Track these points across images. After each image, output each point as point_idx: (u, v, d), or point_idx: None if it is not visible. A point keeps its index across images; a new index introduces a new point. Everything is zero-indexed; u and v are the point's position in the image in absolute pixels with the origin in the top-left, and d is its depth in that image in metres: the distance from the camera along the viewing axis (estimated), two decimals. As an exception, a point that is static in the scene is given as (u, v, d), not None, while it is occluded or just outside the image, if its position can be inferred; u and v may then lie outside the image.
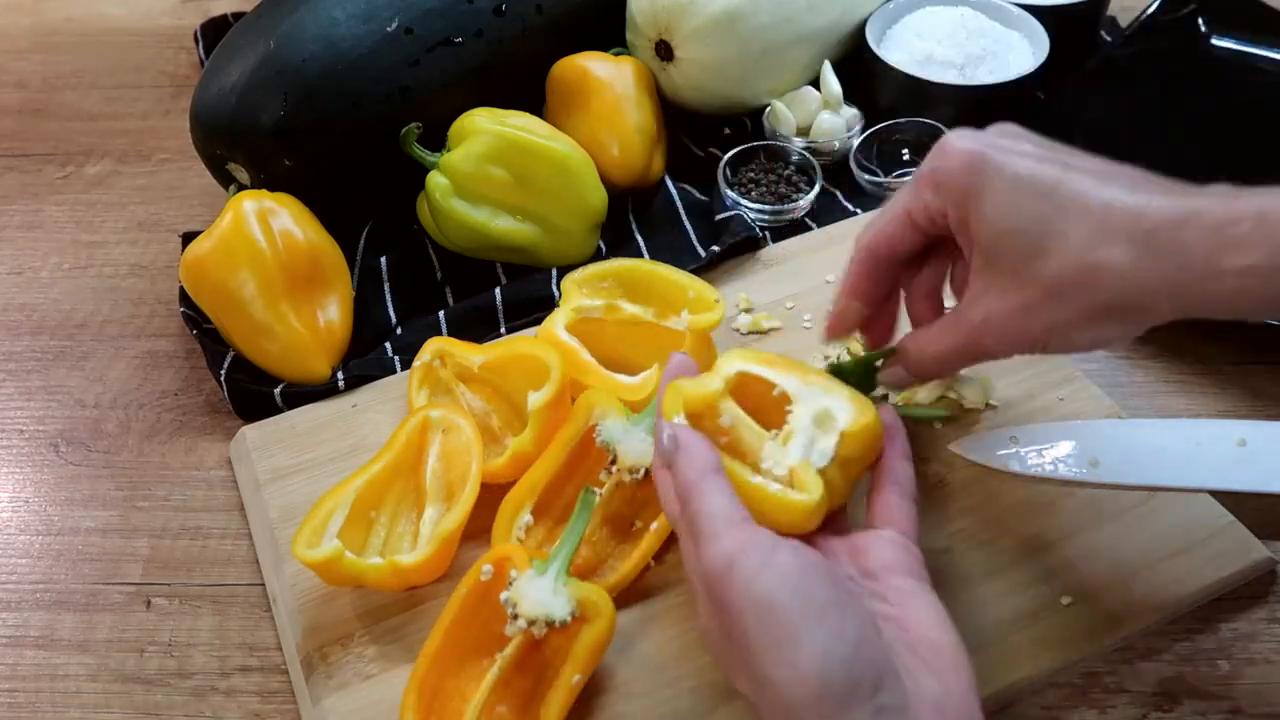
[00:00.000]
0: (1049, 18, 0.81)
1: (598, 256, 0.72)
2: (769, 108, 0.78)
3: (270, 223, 0.63)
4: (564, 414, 0.57)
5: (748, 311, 0.67)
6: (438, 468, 0.55)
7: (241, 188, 0.70)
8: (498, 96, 0.72)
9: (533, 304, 0.68)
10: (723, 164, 0.75)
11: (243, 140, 0.68)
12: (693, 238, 0.73)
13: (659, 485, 0.46)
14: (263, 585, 0.56)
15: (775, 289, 0.68)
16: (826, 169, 0.77)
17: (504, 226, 0.68)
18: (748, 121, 0.81)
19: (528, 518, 0.53)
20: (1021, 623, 0.51)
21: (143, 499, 0.61)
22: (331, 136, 0.68)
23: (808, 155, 0.76)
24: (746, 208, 0.73)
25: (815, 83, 0.81)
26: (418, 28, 0.70)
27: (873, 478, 0.48)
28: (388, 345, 0.67)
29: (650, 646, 0.51)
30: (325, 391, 0.64)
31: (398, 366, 0.65)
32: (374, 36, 0.68)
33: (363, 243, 0.73)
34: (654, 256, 0.72)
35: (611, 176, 0.73)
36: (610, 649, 0.49)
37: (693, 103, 0.79)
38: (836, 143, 0.77)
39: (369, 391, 0.64)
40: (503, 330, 0.68)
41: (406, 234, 0.74)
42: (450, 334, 0.67)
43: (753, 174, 0.76)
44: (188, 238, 0.72)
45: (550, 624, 0.46)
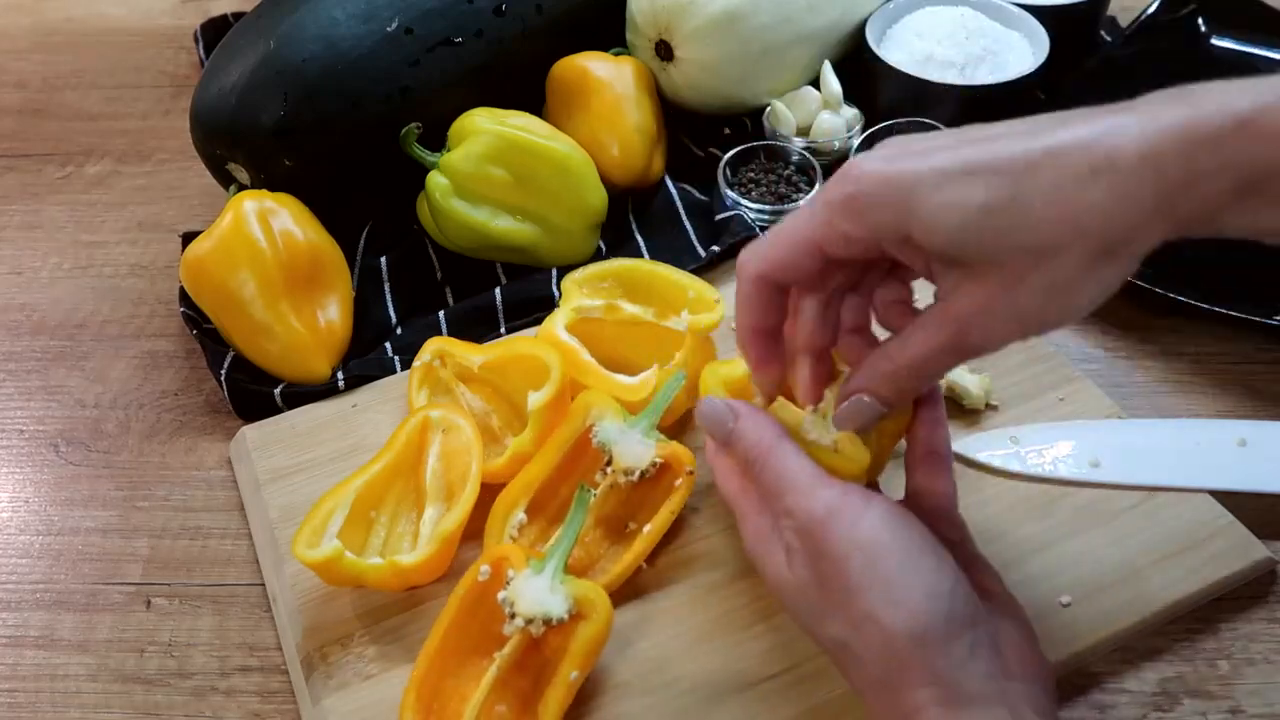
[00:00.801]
0: (1049, 18, 0.81)
1: (598, 256, 0.72)
2: (769, 108, 0.78)
3: (270, 223, 0.63)
4: (564, 414, 0.57)
5: (748, 311, 0.66)
6: (438, 468, 0.55)
7: (242, 188, 0.70)
8: (498, 96, 0.72)
9: (533, 304, 0.68)
10: (723, 164, 0.75)
11: (243, 140, 0.68)
12: (693, 238, 0.73)
13: (715, 466, 0.47)
14: (263, 585, 0.56)
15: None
16: (826, 169, 0.77)
17: (504, 226, 0.68)
18: (748, 121, 0.81)
19: (521, 516, 0.53)
20: (1021, 623, 0.51)
21: (143, 499, 0.61)
22: (331, 136, 0.68)
23: (808, 155, 0.76)
24: (746, 208, 0.73)
25: (815, 83, 0.81)
26: (418, 28, 0.70)
27: (909, 449, 0.48)
28: (388, 345, 0.67)
29: (649, 646, 0.51)
30: (325, 391, 0.64)
31: (398, 366, 0.65)
32: (374, 36, 0.68)
33: (363, 243, 0.73)
34: (654, 256, 0.72)
35: (611, 176, 0.73)
36: (609, 649, 0.49)
37: (693, 103, 0.79)
38: (836, 143, 0.77)
39: (369, 391, 0.64)
40: (503, 330, 0.68)
41: (406, 234, 0.74)
42: (450, 334, 0.67)
43: (753, 174, 0.76)
44: (188, 238, 0.72)
45: (548, 622, 0.46)
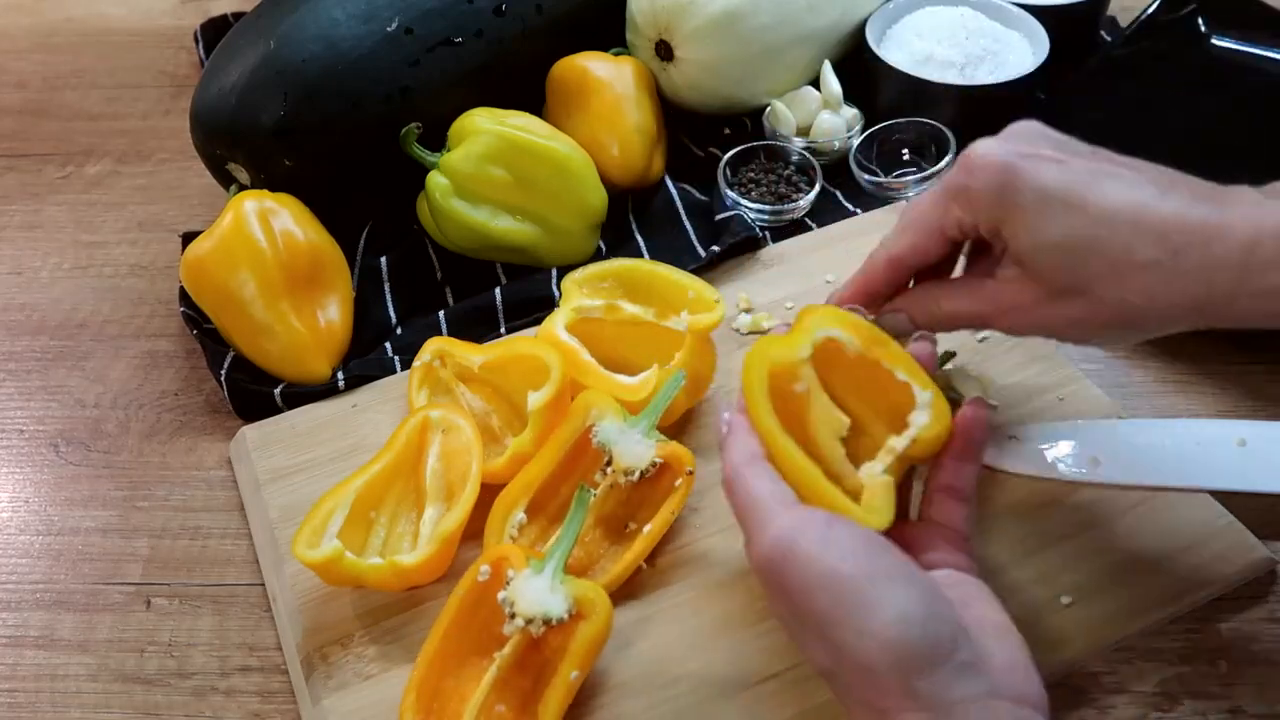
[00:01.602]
0: (1049, 18, 0.81)
1: (598, 256, 0.72)
2: (769, 108, 0.78)
3: (271, 223, 0.63)
4: (564, 414, 0.57)
5: (747, 311, 0.67)
6: (438, 468, 0.55)
7: (242, 188, 0.70)
8: (498, 96, 0.72)
9: (533, 304, 0.68)
10: (723, 164, 0.75)
11: (243, 140, 0.68)
12: (693, 238, 0.73)
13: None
14: (263, 585, 0.56)
15: (775, 289, 0.68)
16: (826, 169, 0.77)
17: (504, 226, 0.68)
18: (748, 121, 0.81)
19: (521, 516, 0.53)
20: (1022, 623, 0.50)
21: (143, 499, 0.61)
22: (331, 136, 0.68)
23: (808, 155, 0.76)
24: (746, 208, 0.73)
25: (815, 83, 0.81)
26: (418, 28, 0.70)
27: (932, 473, 0.48)
28: (388, 345, 0.67)
29: (649, 646, 0.51)
30: (325, 391, 0.64)
31: (398, 366, 0.65)
32: (374, 36, 0.68)
33: (363, 243, 0.73)
34: (654, 256, 0.72)
35: (611, 176, 0.73)
36: (609, 649, 0.49)
37: (693, 103, 0.79)
38: (836, 143, 0.77)
39: (369, 391, 0.64)
40: (503, 330, 0.68)
41: (406, 234, 0.74)
42: (450, 334, 0.67)
43: (753, 174, 0.76)
44: (188, 238, 0.72)
45: (548, 622, 0.46)
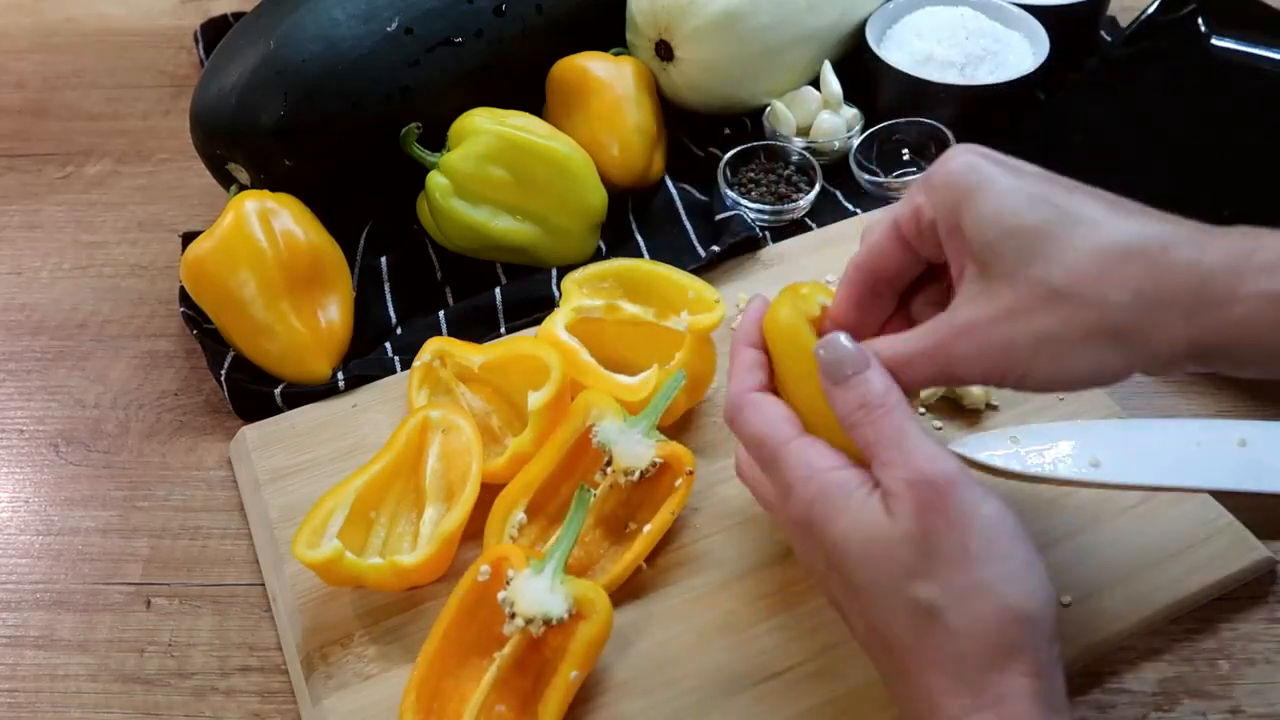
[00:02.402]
0: (1049, 18, 0.81)
1: (598, 256, 0.72)
2: (769, 108, 0.78)
3: (271, 223, 0.63)
4: (564, 414, 0.57)
5: (748, 311, 0.67)
6: (438, 468, 0.55)
7: (242, 188, 0.70)
8: (498, 96, 0.72)
9: (533, 304, 0.68)
10: (723, 164, 0.75)
11: (243, 140, 0.68)
12: (693, 238, 0.73)
13: (752, 404, 0.45)
14: (263, 585, 0.56)
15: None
16: (826, 169, 0.77)
17: (504, 226, 0.68)
18: (748, 121, 0.81)
19: (521, 516, 0.53)
20: (1021, 623, 0.51)
21: (143, 499, 0.61)
22: (331, 136, 0.68)
23: (808, 155, 0.76)
24: (746, 208, 0.73)
25: (815, 83, 0.81)
26: (418, 28, 0.70)
27: None
28: (388, 345, 0.67)
29: (649, 646, 0.51)
30: (325, 391, 0.64)
31: (398, 366, 0.65)
32: (374, 36, 0.68)
33: (363, 243, 0.73)
34: (654, 256, 0.72)
35: (611, 176, 0.73)
36: (609, 649, 0.49)
37: (693, 103, 0.79)
38: (836, 143, 0.77)
39: (369, 391, 0.64)
40: (503, 330, 0.68)
41: (406, 234, 0.74)
42: (450, 334, 0.67)
43: (753, 174, 0.76)
44: (188, 238, 0.72)
45: (548, 622, 0.46)
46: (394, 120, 0.68)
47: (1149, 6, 0.86)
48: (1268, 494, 0.55)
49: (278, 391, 0.63)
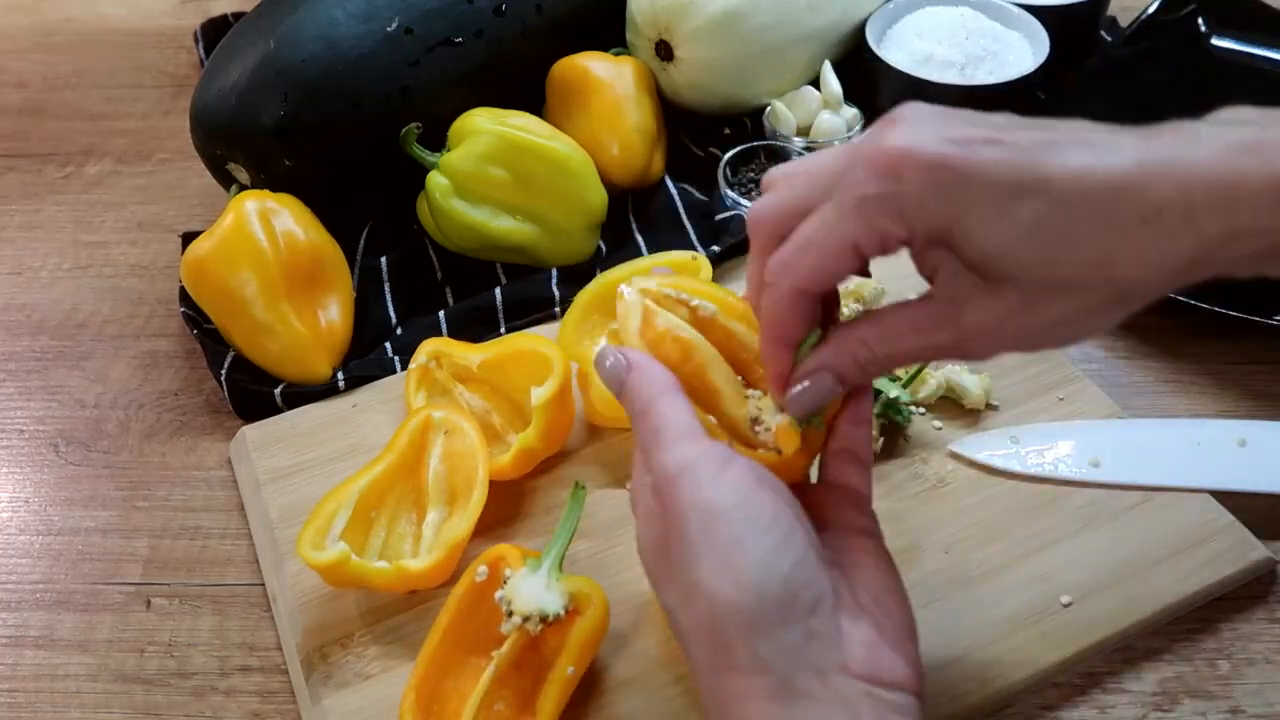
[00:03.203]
0: (1049, 18, 0.81)
1: (598, 256, 0.72)
2: (769, 108, 0.78)
3: (272, 223, 0.63)
4: (567, 408, 0.57)
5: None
6: (440, 470, 0.55)
7: (242, 188, 0.70)
8: (498, 96, 0.72)
9: (533, 304, 0.68)
10: (723, 164, 0.75)
11: (243, 140, 0.68)
12: (693, 238, 0.73)
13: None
14: (263, 585, 0.56)
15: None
16: (826, 169, 0.77)
17: (504, 226, 0.68)
18: (748, 121, 0.81)
19: None
20: (1021, 623, 0.51)
21: (143, 499, 0.61)
22: (331, 136, 0.68)
23: (808, 155, 0.76)
24: (746, 208, 0.73)
25: (815, 83, 0.81)
26: (418, 28, 0.70)
27: (828, 439, 0.45)
28: (388, 345, 0.67)
29: (648, 645, 0.51)
30: (325, 391, 0.64)
31: (398, 367, 0.65)
32: (374, 36, 0.68)
33: (363, 243, 0.73)
34: (654, 256, 0.72)
35: (611, 176, 0.73)
36: (608, 648, 0.49)
37: (693, 103, 0.79)
38: (837, 142, 0.77)
39: (369, 391, 0.64)
40: (503, 330, 0.68)
41: (406, 234, 0.74)
42: (450, 334, 0.67)
43: (753, 174, 0.76)
44: (188, 238, 0.72)
45: (545, 620, 0.46)
46: (394, 120, 0.68)
47: (1149, 6, 0.86)
48: (1268, 494, 0.55)
49: (278, 391, 0.63)
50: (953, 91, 0.76)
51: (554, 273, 0.69)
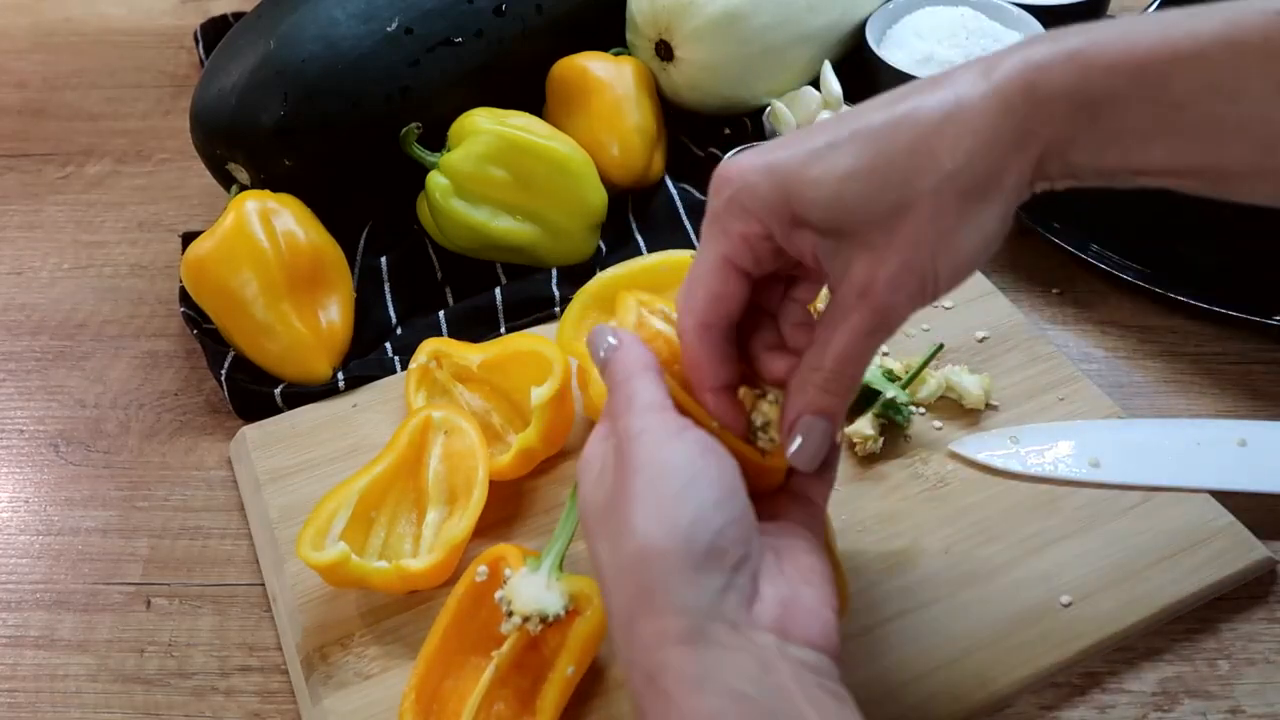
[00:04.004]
0: (1049, 18, 0.81)
1: (598, 256, 0.72)
2: (769, 108, 0.78)
3: (273, 223, 0.63)
4: (567, 408, 0.57)
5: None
6: (440, 470, 0.55)
7: (243, 188, 0.70)
8: (498, 96, 0.72)
9: (533, 304, 0.68)
10: (723, 164, 0.75)
11: (243, 140, 0.68)
12: (692, 238, 0.73)
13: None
14: (263, 585, 0.56)
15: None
16: (826, 169, 0.77)
17: (504, 226, 0.68)
18: (748, 121, 0.81)
19: None
20: (1021, 623, 0.51)
21: (143, 499, 0.61)
22: (331, 136, 0.68)
23: (808, 155, 0.75)
24: (746, 208, 0.73)
25: (815, 83, 0.81)
26: (418, 28, 0.70)
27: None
28: (388, 345, 0.67)
29: (650, 646, 0.51)
30: (325, 392, 0.64)
31: (398, 367, 0.65)
32: (374, 36, 0.68)
33: (363, 243, 0.73)
34: (654, 256, 0.72)
35: (611, 176, 0.73)
36: (608, 648, 0.49)
37: (693, 103, 0.79)
38: (836, 143, 0.77)
39: (369, 391, 0.64)
40: (503, 330, 0.68)
41: (406, 234, 0.74)
42: (450, 334, 0.67)
43: (753, 174, 0.76)
44: (188, 238, 0.72)
45: (545, 620, 0.46)
46: (394, 120, 0.68)
47: (1149, 6, 0.86)
48: (1268, 494, 0.55)
49: (278, 391, 0.63)
50: (953, 91, 0.76)
51: (554, 273, 0.69)
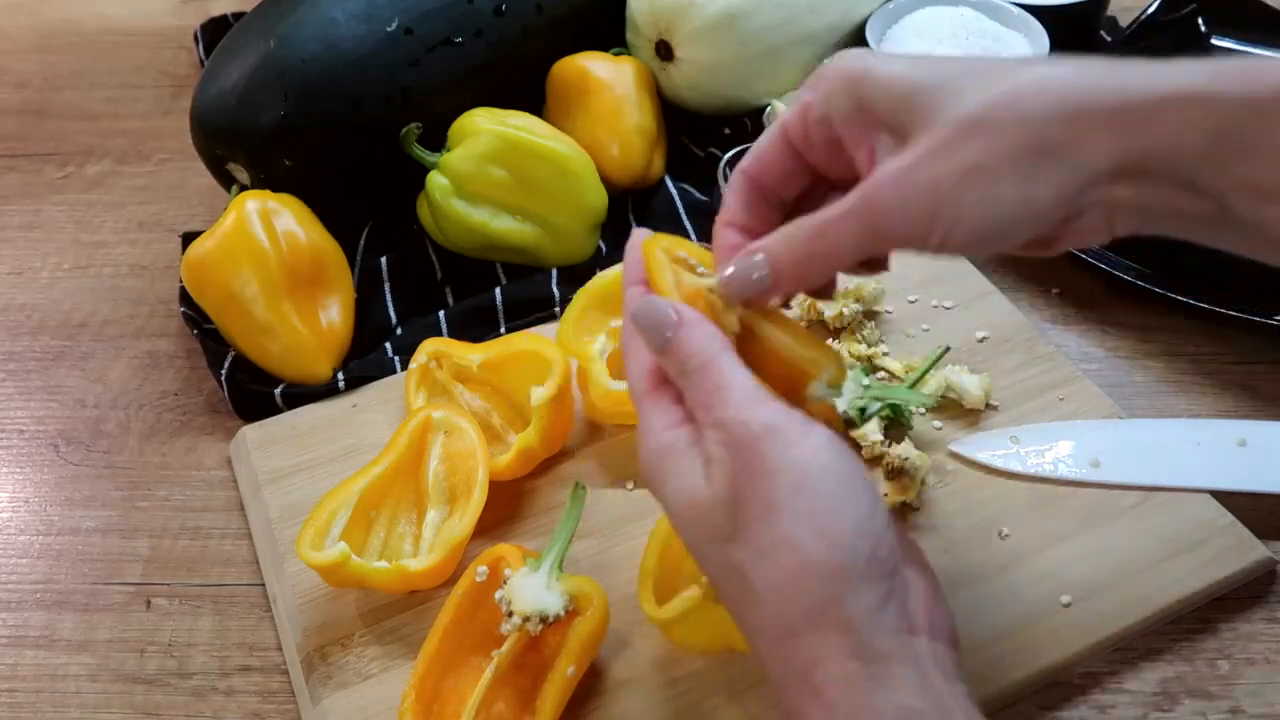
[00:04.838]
0: (1049, 18, 0.81)
1: (598, 256, 0.72)
2: (769, 108, 0.78)
3: (273, 223, 0.63)
4: (567, 408, 0.57)
5: (748, 311, 0.66)
6: (440, 470, 0.55)
7: (243, 188, 0.70)
8: (498, 96, 0.72)
9: (533, 304, 0.68)
10: (723, 164, 0.75)
11: (243, 140, 0.68)
12: (693, 238, 0.73)
13: (630, 365, 0.43)
14: (263, 585, 0.56)
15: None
16: (826, 169, 0.77)
17: (504, 226, 0.68)
18: (748, 121, 0.81)
19: None
20: (1021, 623, 0.51)
21: (143, 499, 0.61)
22: (331, 136, 0.68)
23: (808, 155, 0.76)
24: (746, 208, 0.73)
25: (815, 83, 0.81)
26: (418, 28, 0.70)
27: None
28: (388, 345, 0.67)
29: (648, 645, 0.51)
30: (325, 392, 0.64)
31: (398, 367, 0.65)
32: (374, 36, 0.68)
33: (363, 243, 0.73)
34: (654, 256, 0.72)
35: (611, 176, 0.73)
36: (609, 648, 0.49)
37: (693, 103, 0.79)
38: (836, 143, 0.77)
39: (369, 392, 0.64)
40: (503, 330, 0.68)
41: (406, 234, 0.74)
42: (450, 334, 0.67)
43: (753, 174, 0.76)
44: (188, 238, 0.72)
45: (545, 620, 0.46)
46: (394, 120, 0.68)
47: (1149, 6, 0.86)
48: (1268, 494, 0.55)
49: (278, 391, 0.63)
50: (953, 91, 0.76)
51: (554, 273, 0.69)
